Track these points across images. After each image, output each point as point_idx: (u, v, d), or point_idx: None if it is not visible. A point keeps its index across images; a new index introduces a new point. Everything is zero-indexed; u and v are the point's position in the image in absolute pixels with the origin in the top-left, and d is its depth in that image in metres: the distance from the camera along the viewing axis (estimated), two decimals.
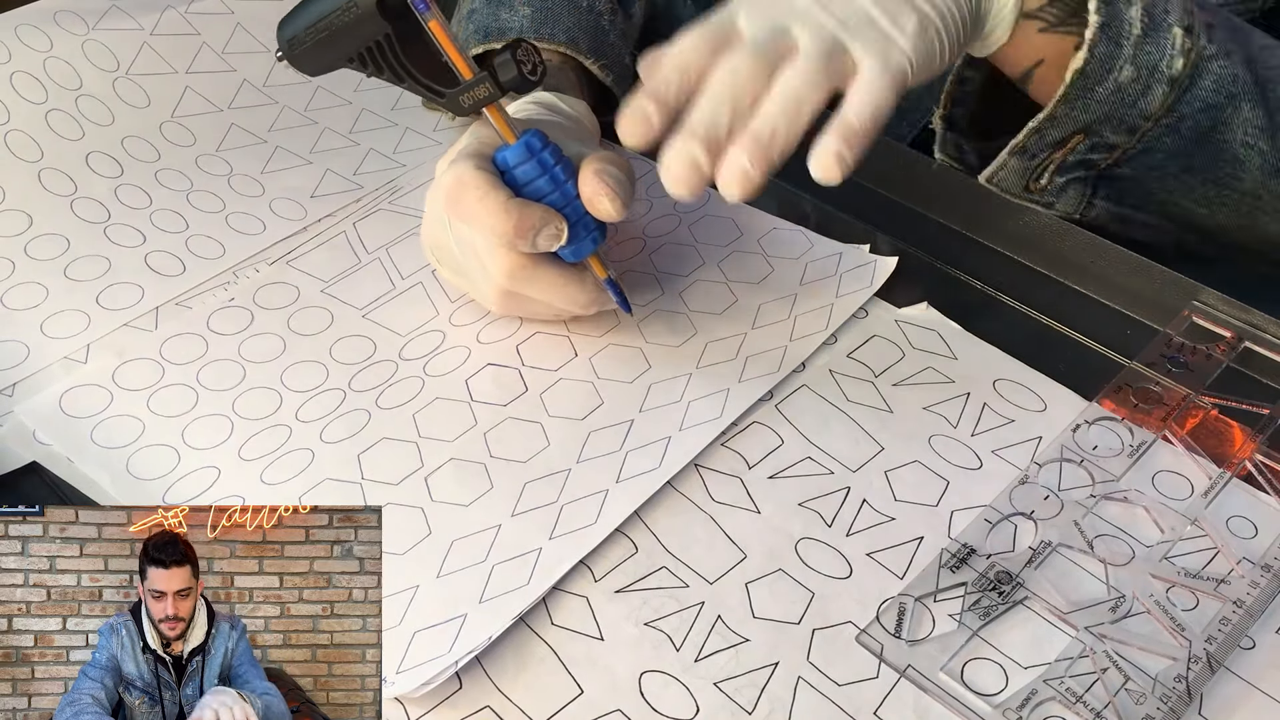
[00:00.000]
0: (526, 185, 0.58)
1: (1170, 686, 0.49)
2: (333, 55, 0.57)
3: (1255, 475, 0.57)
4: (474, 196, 0.57)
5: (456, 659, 0.50)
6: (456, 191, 0.57)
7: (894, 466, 0.59)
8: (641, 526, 0.56)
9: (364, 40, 0.56)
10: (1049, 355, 0.64)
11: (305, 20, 0.56)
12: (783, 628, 0.52)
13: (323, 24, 0.56)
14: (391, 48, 0.56)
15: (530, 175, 0.58)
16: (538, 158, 0.58)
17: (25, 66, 0.81)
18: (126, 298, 0.69)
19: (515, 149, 0.58)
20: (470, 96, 0.57)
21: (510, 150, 0.58)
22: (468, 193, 0.57)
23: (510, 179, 0.59)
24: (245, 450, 0.60)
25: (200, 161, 0.80)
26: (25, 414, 0.62)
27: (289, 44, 0.58)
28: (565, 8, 0.71)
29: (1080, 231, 0.69)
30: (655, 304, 0.67)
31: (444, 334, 0.66)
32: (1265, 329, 0.63)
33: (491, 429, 0.61)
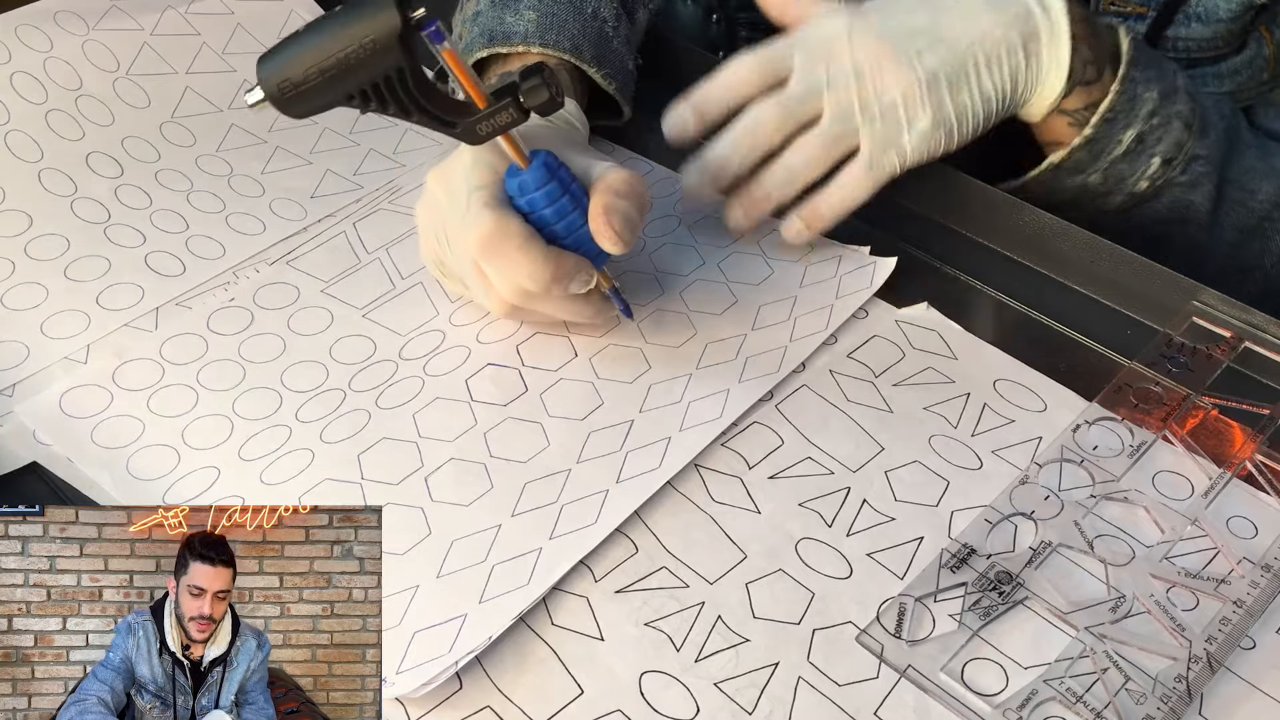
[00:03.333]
0: (549, 206, 0.58)
1: (1170, 687, 0.49)
2: (334, 94, 0.53)
3: (1255, 475, 0.57)
4: (513, 245, 0.57)
5: (456, 659, 0.50)
6: (497, 241, 0.57)
7: (894, 467, 0.59)
8: (642, 527, 0.56)
9: (375, 75, 0.52)
10: (1049, 355, 0.64)
11: (307, 59, 0.52)
12: (783, 628, 0.52)
13: (331, 61, 0.52)
14: (403, 81, 0.53)
15: (554, 196, 0.58)
16: (557, 177, 0.58)
17: (25, 67, 0.81)
18: (126, 298, 0.69)
19: (535, 172, 0.57)
20: (489, 124, 0.56)
21: (529, 174, 0.57)
22: (508, 241, 0.57)
23: (528, 201, 0.58)
24: (245, 450, 0.60)
25: (200, 162, 0.80)
26: (25, 414, 0.62)
27: (280, 87, 0.53)
28: (570, 13, 0.71)
29: (1080, 231, 0.69)
30: (655, 304, 0.67)
31: (444, 334, 0.66)
32: (1265, 329, 0.63)
33: (491, 429, 0.61)
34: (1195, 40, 0.80)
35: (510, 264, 0.58)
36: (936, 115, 0.65)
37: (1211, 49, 0.81)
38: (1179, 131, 0.70)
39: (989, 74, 0.65)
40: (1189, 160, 0.71)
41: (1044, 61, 0.66)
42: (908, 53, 0.64)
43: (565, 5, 0.72)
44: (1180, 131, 0.70)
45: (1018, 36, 0.65)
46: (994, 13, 0.65)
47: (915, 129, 0.65)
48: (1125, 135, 0.69)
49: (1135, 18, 0.81)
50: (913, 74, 0.64)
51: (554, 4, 0.71)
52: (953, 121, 0.65)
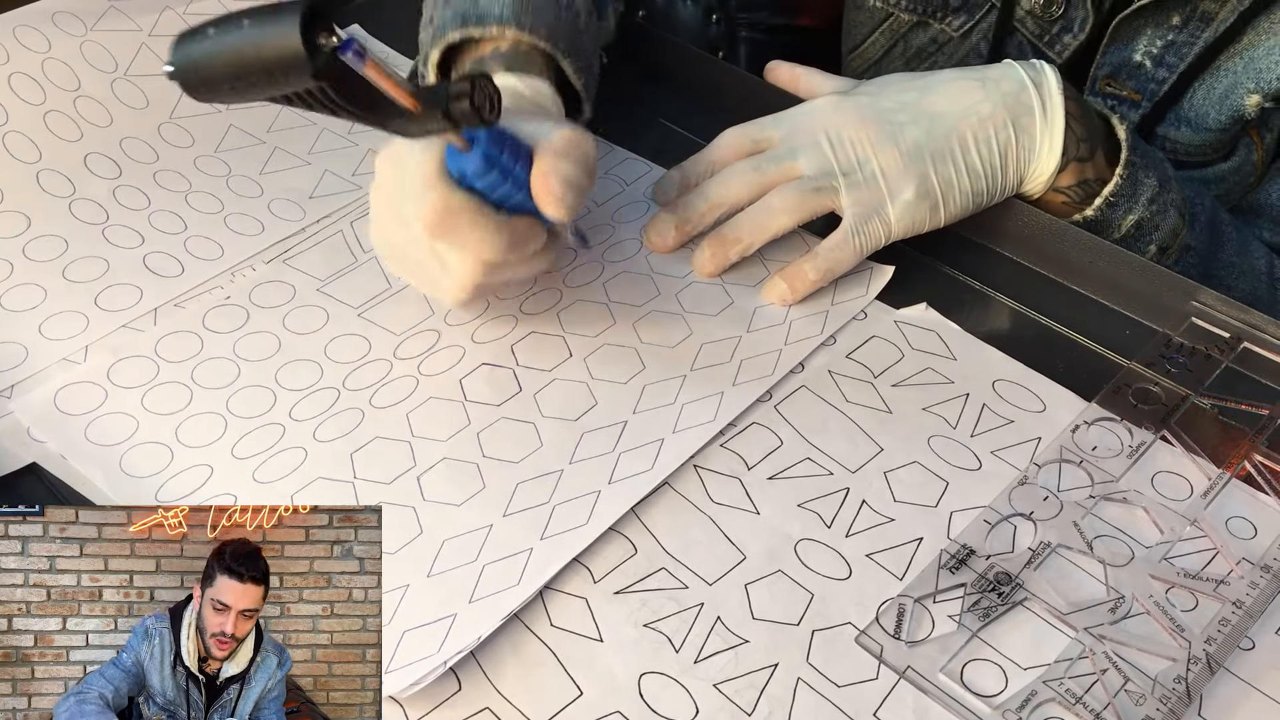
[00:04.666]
0: (492, 193, 0.57)
1: (1170, 687, 0.49)
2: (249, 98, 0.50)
3: (1254, 476, 0.57)
4: (464, 221, 0.57)
5: (445, 659, 0.50)
6: (446, 219, 0.57)
7: (893, 467, 0.59)
8: (640, 527, 0.56)
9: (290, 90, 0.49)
10: (1049, 356, 0.64)
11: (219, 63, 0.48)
12: (782, 629, 0.52)
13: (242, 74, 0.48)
14: (324, 94, 0.50)
15: (494, 186, 0.57)
16: (498, 166, 0.57)
17: (23, 68, 0.81)
18: (125, 299, 0.69)
19: (474, 161, 0.56)
20: (420, 127, 0.54)
21: (469, 163, 0.56)
22: (455, 217, 0.57)
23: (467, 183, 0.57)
24: (238, 448, 0.60)
25: (199, 163, 0.80)
26: (20, 411, 0.62)
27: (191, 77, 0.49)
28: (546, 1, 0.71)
29: (1080, 232, 0.69)
30: (651, 305, 0.67)
31: (439, 333, 0.66)
32: (1264, 329, 0.63)
33: (485, 429, 0.61)
34: (1183, 144, 0.82)
35: (464, 240, 0.57)
36: (920, 187, 0.65)
37: (1199, 155, 0.82)
38: (1175, 220, 0.71)
39: (976, 150, 0.66)
40: (1182, 251, 0.72)
41: (1036, 137, 0.67)
42: (890, 125, 0.65)
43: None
44: (1176, 220, 0.71)
45: (1007, 113, 0.66)
46: (985, 89, 0.66)
47: (899, 200, 0.65)
48: (1126, 220, 0.70)
49: (1130, 104, 0.82)
50: (894, 147, 0.65)
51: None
52: (938, 195, 0.66)
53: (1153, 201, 0.69)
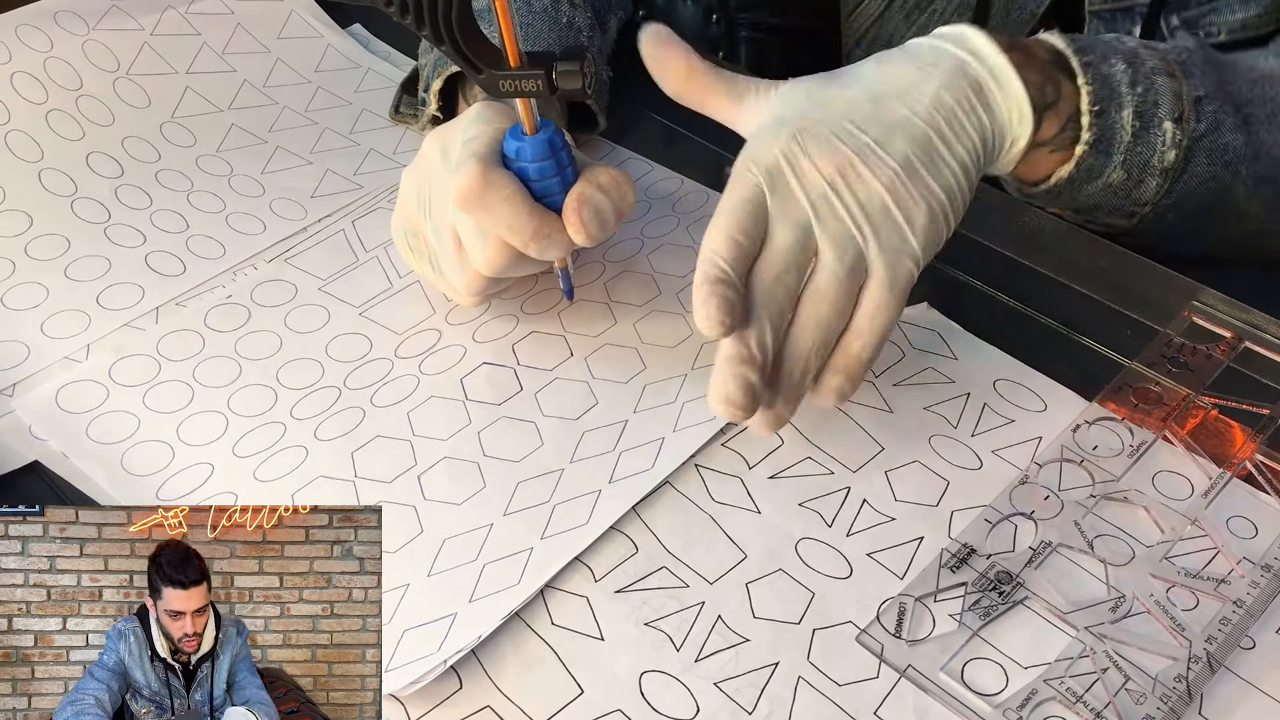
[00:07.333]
0: (538, 181, 0.57)
1: (1170, 686, 0.49)
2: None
3: (1255, 475, 0.57)
4: (500, 197, 0.56)
5: (445, 658, 0.50)
6: (481, 188, 0.56)
7: (894, 467, 0.59)
8: (641, 526, 0.56)
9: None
10: (1049, 355, 0.64)
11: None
12: (783, 628, 0.52)
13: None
14: (446, 7, 0.52)
15: (546, 173, 0.57)
16: (556, 157, 0.58)
17: (25, 67, 0.81)
18: (127, 298, 0.69)
19: (536, 145, 0.57)
20: (513, 84, 0.55)
21: (530, 144, 0.57)
22: (494, 192, 0.56)
23: (519, 169, 0.57)
24: (239, 447, 0.60)
25: (200, 162, 0.80)
26: (22, 409, 0.62)
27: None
28: (546, 24, 0.71)
29: (1080, 231, 0.69)
30: (652, 305, 0.67)
31: (440, 332, 0.66)
32: (1265, 329, 0.63)
33: (486, 428, 0.61)
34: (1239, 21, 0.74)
35: (492, 215, 0.56)
36: (929, 203, 0.56)
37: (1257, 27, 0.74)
38: (1165, 83, 0.64)
39: (958, 140, 0.58)
40: (1194, 104, 0.64)
41: (1000, 102, 0.59)
42: (869, 147, 0.56)
43: (540, 15, 0.71)
44: (1166, 82, 0.64)
45: (967, 90, 0.58)
46: (932, 77, 0.58)
47: (916, 226, 0.56)
48: (1123, 117, 0.63)
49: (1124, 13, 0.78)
50: (887, 168, 0.55)
51: (529, 14, 0.71)
52: (944, 203, 0.57)
53: (1135, 84, 0.63)
